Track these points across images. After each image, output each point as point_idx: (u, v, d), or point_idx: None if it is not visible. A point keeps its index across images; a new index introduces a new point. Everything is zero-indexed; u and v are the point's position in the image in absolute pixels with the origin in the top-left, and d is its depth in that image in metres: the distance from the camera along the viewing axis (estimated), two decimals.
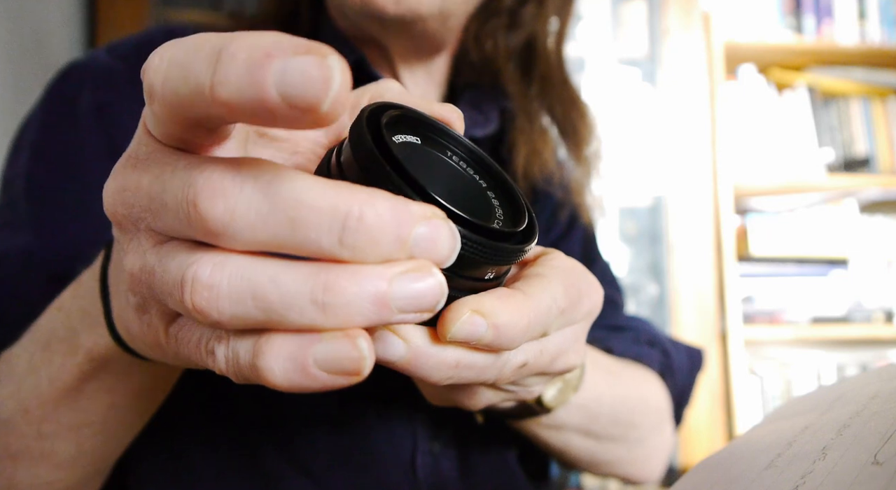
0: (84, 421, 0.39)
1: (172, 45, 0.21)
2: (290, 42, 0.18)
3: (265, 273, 0.20)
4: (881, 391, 0.36)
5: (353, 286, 0.20)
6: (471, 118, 0.59)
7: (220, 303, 0.20)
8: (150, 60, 0.21)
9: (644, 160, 1.92)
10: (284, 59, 0.18)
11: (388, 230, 0.20)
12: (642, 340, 0.63)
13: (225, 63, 0.18)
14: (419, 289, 0.20)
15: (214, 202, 0.20)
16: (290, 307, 0.20)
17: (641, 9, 1.96)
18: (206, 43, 0.19)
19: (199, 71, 0.19)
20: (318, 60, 0.18)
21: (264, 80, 0.18)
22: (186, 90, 0.20)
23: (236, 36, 0.19)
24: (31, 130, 0.54)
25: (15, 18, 1.31)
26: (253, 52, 0.18)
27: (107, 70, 0.55)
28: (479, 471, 0.54)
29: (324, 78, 0.18)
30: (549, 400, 0.42)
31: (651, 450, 0.61)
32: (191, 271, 0.21)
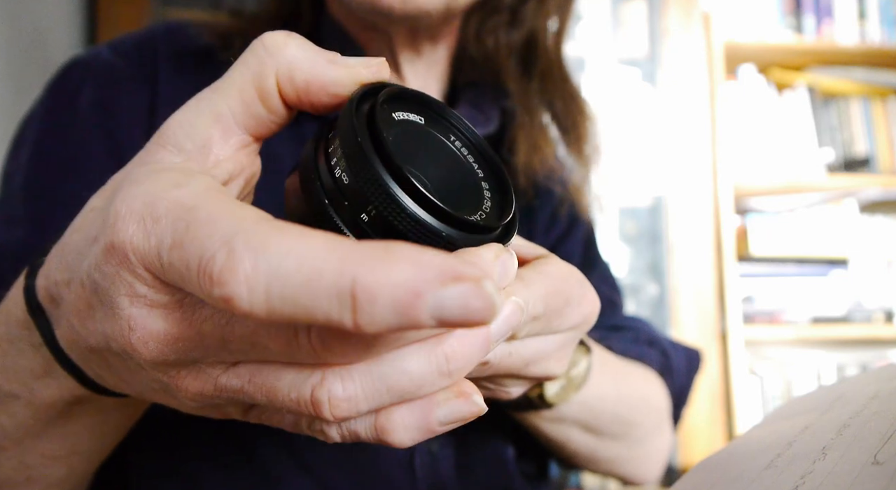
0: (71, 451, 0.37)
1: (259, 263, 0.18)
2: (434, 272, 0.17)
3: (391, 367, 0.22)
4: (881, 391, 0.36)
5: (466, 348, 0.22)
6: (471, 117, 0.59)
7: (360, 406, 0.22)
8: (233, 280, 0.18)
9: (644, 160, 1.92)
10: (436, 294, 0.17)
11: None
12: (642, 340, 0.63)
13: (365, 307, 0.17)
14: (511, 321, 0.25)
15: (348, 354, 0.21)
16: (423, 386, 0.22)
17: (641, 9, 1.96)
18: (316, 271, 0.17)
19: (328, 310, 0.17)
20: (475, 290, 0.17)
21: (418, 317, 0.17)
22: (307, 319, 0.18)
23: (362, 268, 0.17)
24: (33, 126, 0.54)
25: (15, 18, 1.31)
26: (397, 292, 0.17)
27: (109, 67, 0.55)
28: (476, 470, 0.55)
29: (486, 307, 0.17)
30: (552, 396, 0.42)
31: (651, 449, 0.61)
32: (323, 392, 0.22)
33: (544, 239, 0.65)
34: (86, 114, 0.53)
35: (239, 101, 0.26)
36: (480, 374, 0.31)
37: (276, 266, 0.18)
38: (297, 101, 0.26)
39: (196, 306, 0.22)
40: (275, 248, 0.18)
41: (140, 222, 0.21)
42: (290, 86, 0.26)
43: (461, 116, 0.29)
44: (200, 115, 0.26)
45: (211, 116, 0.26)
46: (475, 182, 0.29)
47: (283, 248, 0.18)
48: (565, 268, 0.31)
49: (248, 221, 0.19)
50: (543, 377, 0.34)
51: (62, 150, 0.52)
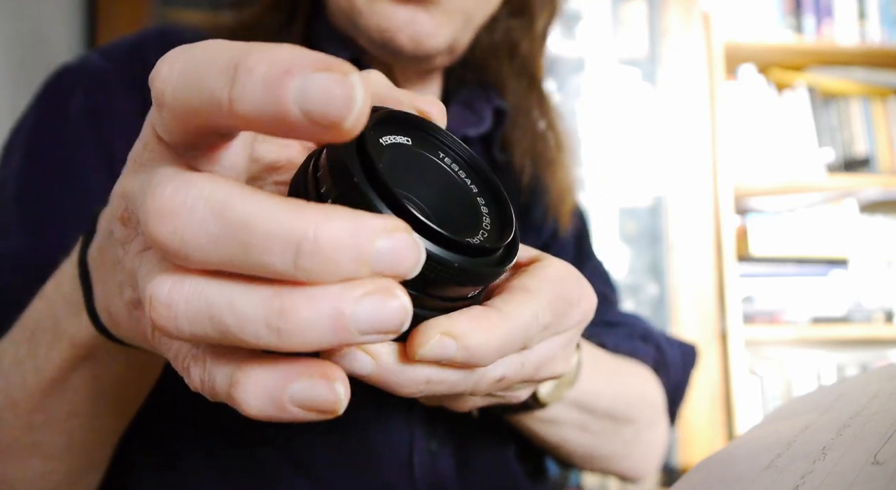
0: (72, 411, 0.39)
1: (183, 54, 0.20)
2: (309, 57, 0.18)
3: (222, 295, 0.20)
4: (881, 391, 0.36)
5: (308, 311, 0.19)
6: (464, 117, 0.60)
7: (178, 322, 0.20)
8: (158, 68, 0.21)
9: (644, 160, 1.92)
10: (304, 76, 0.18)
11: (346, 249, 0.19)
12: (635, 336, 0.63)
13: (242, 78, 0.18)
14: (381, 311, 0.20)
15: (163, 222, 0.19)
16: (245, 331, 0.20)
17: (641, 9, 1.96)
18: (219, 54, 0.19)
19: (214, 84, 0.19)
20: (339, 78, 0.18)
21: (284, 97, 0.18)
22: (200, 102, 0.20)
23: (252, 48, 0.19)
24: (24, 133, 0.54)
25: (15, 18, 1.31)
26: (271, 67, 0.18)
27: (100, 72, 0.55)
28: (476, 469, 0.55)
29: (346, 96, 0.18)
30: (545, 396, 0.42)
31: (647, 445, 0.61)
32: (150, 287, 0.20)
33: (536, 238, 0.65)
34: (77, 120, 0.53)
35: None
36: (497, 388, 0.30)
37: (191, 54, 0.20)
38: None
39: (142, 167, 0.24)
40: (200, 46, 0.20)
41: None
42: None
43: (448, 132, 0.29)
44: None
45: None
46: (471, 199, 0.28)
47: (203, 44, 0.20)
48: (562, 268, 0.31)
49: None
50: (552, 377, 0.33)
51: (54, 156, 0.52)
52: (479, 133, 0.60)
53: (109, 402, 0.40)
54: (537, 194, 0.65)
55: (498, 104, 0.61)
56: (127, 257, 0.25)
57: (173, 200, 0.19)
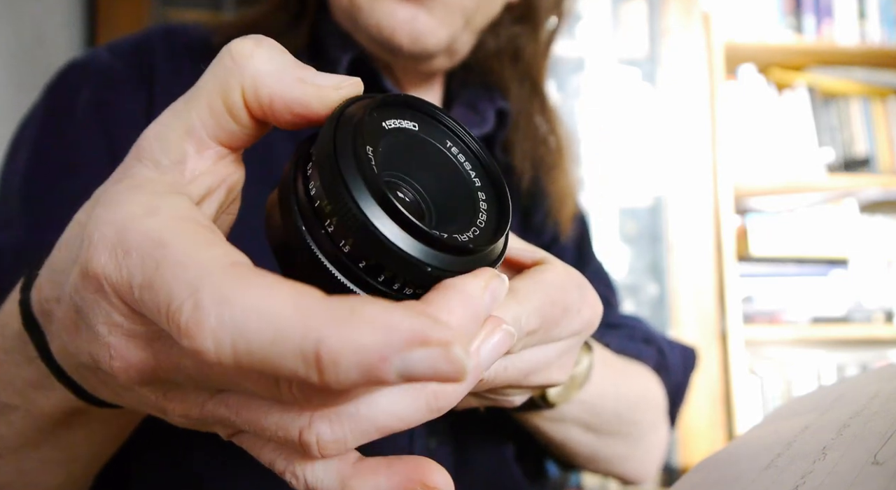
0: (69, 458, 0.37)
1: (223, 322, 0.18)
2: (400, 336, 0.17)
3: (381, 410, 0.22)
4: (881, 391, 0.36)
5: (456, 387, 0.22)
6: (467, 118, 0.60)
7: (349, 446, 0.22)
8: (199, 335, 0.18)
9: (644, 160, 1.92)
10: (402, 356, 0.17)
11: (472, 327, 0.23)
12: (637, 338, 0.63)
13: (331, 369, 0.17)
14: (502, 346, 0.25)
15: (331, 399, 0.21)
16: (412, 423, 0.22)
17: (641, 9, 1.96)
18: (283, 333, 0.17)
19: (293, 367, 0.18)
20: (443, 354, 0.17)
21: (385, 378, 0.17)
22: (275, 372, 0.18)
23: (325, 330, 0.17)
24: (31, 128, 0.54)
25: (15, 18, 1.31)
26: (361, 357, 0.17)
27: (107, 69, 0.55)
28: (475, 467, 0.55)
29: (455, 371, 0.17)
30: (554, 396, 0.42)
31: (649, 447, 0.61)
32: (311, 435, 0.21)
33: (536, 242, 0.65)
34: (84, 115, 0.53)
35: (209, 114, 0.25)
36: (477, 388, 0.30)
37: (242, 323, 0.18)
38: (263, 116, 0.25)
39: (173, 340, 0.22)
40: (239, 303, 0.18)
41: (112, 252, 0.21)
42: (255, 101, 0.24)
43: (458, 121, 0.28)
44: (173, 130, 0.25)
45: (183, 130, 0.25)
46: (471, 192, 0.28)
47: (249, 303, 0.18)
48: (563, 274, 0.30)
49: (217, 266, 0.19)
50: (546, 385, 0.33)
51: (60, 151, 0.52)
52: (481, 134, 0.60)
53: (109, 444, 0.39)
54: (538, 198, 0.65)
55: (501, 105, 0.62)
56: (173, 405, 0.24)
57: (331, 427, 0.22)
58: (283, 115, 0.24)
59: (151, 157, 0.24)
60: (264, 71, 0.24)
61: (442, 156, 0.28)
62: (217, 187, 0.26)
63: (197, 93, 0.25)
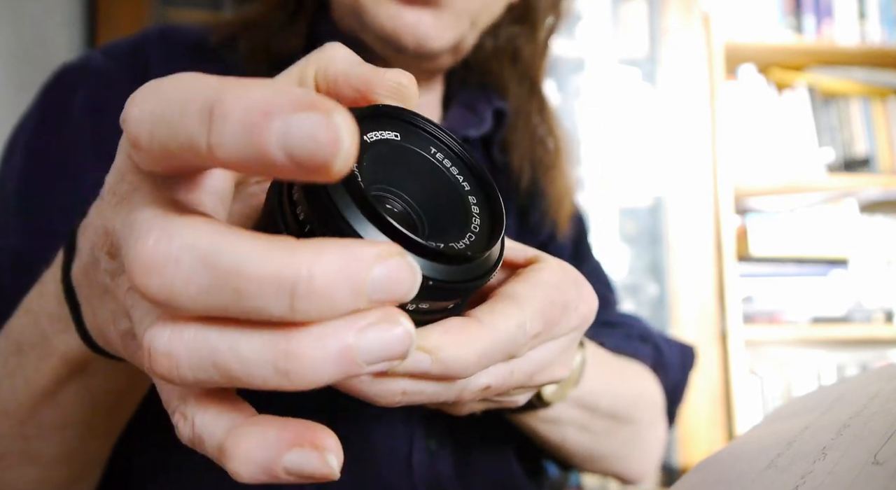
0: (66, 421, 0.38)
1: (153, 93, 0.20)
2: (288, 96, 0.17)
3: (225, 342, 0.19)
4: (881, 391, 0.36)
5: (314, 350, 0.19)
6: (465, 118, 0.60)
7: (181, 371, 0.20)
8: (129, 110, 0.20)
9: (644, 160, 1.92)
10: (285, 118, 0.17)
11: (342, 285, 0.18)
12: (634, 336, 0.63)
13: (219, 123, 0.17)
14: (388, 340, 0.19)
15: (149, 276, 0.19)
16: (253, 376, 0.19)
17: (641, 9, 1.96)
18: (192, 95, 0.18)
19: (190, 129, 0.18)
20: (322, 119, 0.17)
21: (266, 142, 0.17)
22: (177, 146, 0.19)
23: (226, 87, 0.18)
24: (26, 132, 0.54)
25: (15, 19, 1.31)
26: (248, 110, 0.17)
27: (102, 71, 0.55)
28: (476, 468, 0.55)
29: (331, 139, 0.17)
30: (549, 395, 0.42)
31: (646, 446, 0.61)
32: (148, 336, 0.20)
33: (533, 240, 0.65)
34: (78, 118, 0.53)
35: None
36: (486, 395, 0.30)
37: (162, 94, 0.19)
38: (327, 93, 0.27)
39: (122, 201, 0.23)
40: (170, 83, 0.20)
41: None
42: (322, 78, 0.27)
43: (440, 126, 0.28)
44: None
45: None
46: (461, 197, 0.27)
47: (173, 79, 0.20)
48: (558, 271, 0.30)
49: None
50: (550, 383, 0.33)
51: (55, 155, 0.52)
52: (479, 134, 0.60)
53: (103, 411, 0.39)
54: (535, 198, 0.65)
55: (498, 105, 0.62)
56: (119, 290, 0.25)
57: (157, 252, 0.18)
58: (343, 89, 0.27)
59: None
60: (339, 56, 0.28)
61: (427, 163, 0.27)
62: None
63: (286, 71, 0.28)
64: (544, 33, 0.65)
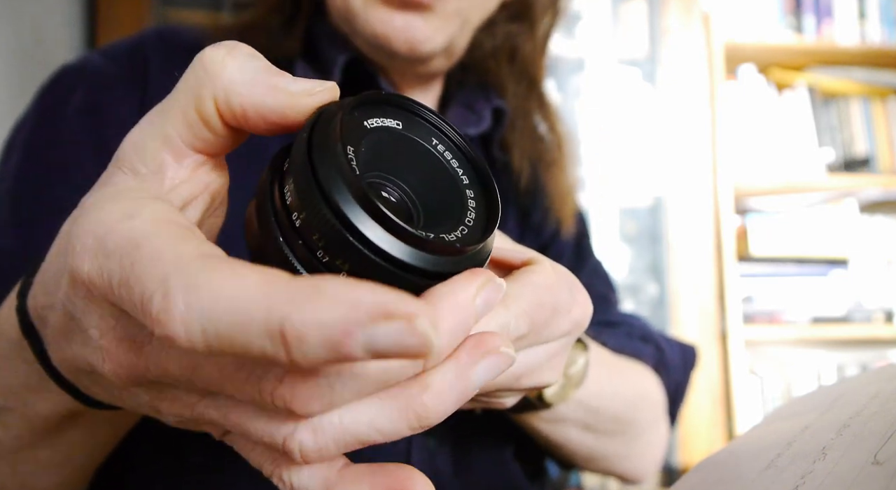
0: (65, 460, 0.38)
1: (190, 302, 0.18)
2: (363, 307, 0.17)
3: (363, 422, 0.22)
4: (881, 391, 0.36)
5: (441, 405, 0.22)
6: (464, 117, 0.60)
7: (331, 454, 0.22)
8: (170, 322, 0.19)
9: (644, 160, 1.92)
10: (367, 332, 0.17)
11: (459, 331, 0.22)
12: (635, 336, 0.63)
13: (297, 346, 0.17)
14: (498, 367, 0.23)
15: (309, 405, 0.21)
16: (394, 438, 0.22)
17: (641, 9, 1.96)
18: (247, 314, 0.18)
19: (262, 348, 0.18)
20: (408, 329, 0.17)
21: (351, 353, 0.17)
22: (245, 353, 0.18)
23: (288, 306, 0.17)
24: (23, 132, 0.54)
25: (15, 18, 1.31)
26: (326, 334, 0.17)
27: (100, 72, 0.55)
28: (475, 467, 0.54)
29: (420, 343, 0.17)
30: (550, 396, 0.42)
31: (647, 446, 0.61)
32: (295, 443, 0.22)
33: (535, 239, 0.65)
34: (76, 119, 0.53)
35: (183, 124, 0.24)
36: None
37: (209, 306, 0.18)
38: (238, 124, 0.25)
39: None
40: (206, 287, 0.18)
41: (94, 258, 0.21)
42: (227, 110, 0.24)
43: (443, 117, 0.27)
44: (151, 139, 0.25)
45: (160, 140, 0.25)
46: (459, 190, 0.27)
47: (215, 287, 0.18)
48: (552, 274, 0.29)
49: (187, 258, 0.19)
50: (537, 387, 0.33)
51: (51, 156, 0.52)
52: (478, 132, 0.60)
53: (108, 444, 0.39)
54: (537, 196, 0.65)
55: (497, 104, 0.62)
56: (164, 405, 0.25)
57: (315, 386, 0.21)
58: (257, 123, 0.24)
59: (131, 166, 0.25)
60: (237, 80, 0.24)
61: (428, 154, 0.27)
62: (199, 194, 0.26)
63: (171, 102, 0.25)
64: (542, 31, 0.65)
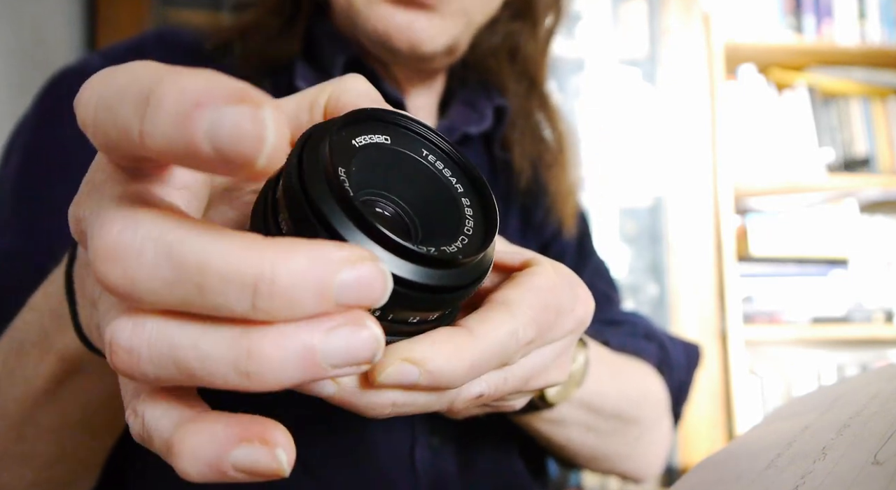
0: (63, 422, 0.39)
1: (103, 79, 0.20)
2: (222, 88, 0.17)
3: (186, 338, 0.19)
4: (881, 391, 0.36)
5: (276, 350, 0.18)
6: (465, 116, 0.60)
7: (142, 367, 0.19)
8: (80, 94, 0.20)
9: (644, 160, 1.92)
10: (215, 109, 0.16)
11: (307, 286, 0.18)
12: (638, 335, 0.63)
13: (152, 110, 0.17)
14: (352, 343, 0.19)
15: (111, 266, 0.18)
16: (214, 375, 0.19)
17: (641, 9, 1.96)
18: (134, 83, 0.18)
19: (126, 115, 0.18)
20: (251, 112, 0.16)
21: (193, 132, 0.17)
22: (115, 133, 0.19)
23: (164, 75, 0.17)
24: (23, 134, 0.54)
25: (15, 18, 1.31)
26: (181, 98, 0.17)
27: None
28: (479, 465, 0.55)
29: (257, 134, 0.17)
30: (552, 396, 0.42)
31: (650, 445, 0.61)
32: (110, 330, 0.19)
33: (537, 239, 0.65)
34: (75, 121, 0.53)
35: (294, 105, 0.28)
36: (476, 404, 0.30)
37: (109, 80, 0.19)
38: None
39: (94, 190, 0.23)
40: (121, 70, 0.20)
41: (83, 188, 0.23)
42: (333, 106, 0.27)
43: (431, 127, 0.27)
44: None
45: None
46: (454, 199, 0.27)
47: (124, 68, 0.20)
48: (553, 274, 0.29)
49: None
50: (546, 387, 0.33)
51: (52, 157, 0.52)
52: (480, 131, 0.60)
53: (101, 412, 0.39)
54: (539, 196, 0.65)
55: (498, 102, 0.62)
56: (87, 281, 0.25)
57: (120, 242, 0.18)
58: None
59: None
60: (353, 89, 0.28)
61: (419, 166, 0.27)
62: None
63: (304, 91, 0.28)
64: (545, 30, 0.65)
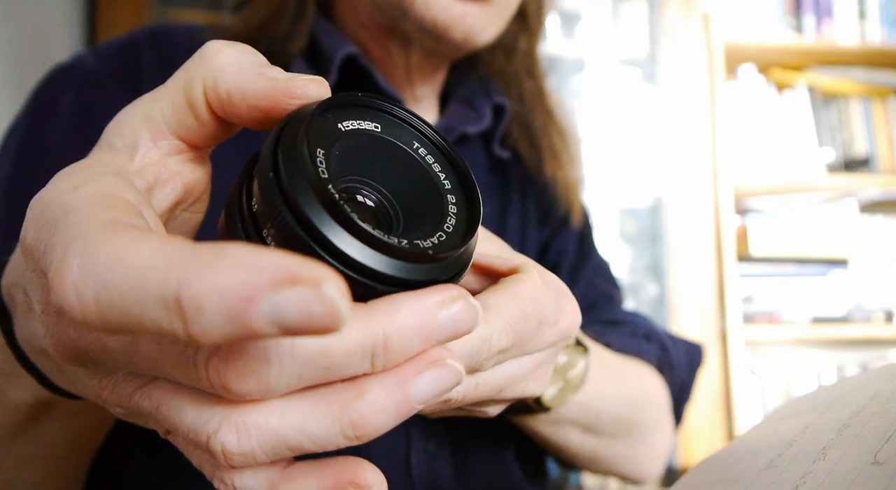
0: (46, 453, 0.37)
1: (86, 276, 0.17)
2: (263, 276, 0.16)
3: (292, 426, 0.20)
4: (881, 391, 0.36)
5: (377, 414, 0.20)
6: (463, 114, 0.60)
7: (258, 459, 0.21)
8: (63, 292, 0.17)
9: (644, 160, 1.92)
10: (268, 299, 0.16)
11: (414, 338, 0.21)
12: (639, 335, 0.63)
13: (194, 316, 0.16)
14: (441, 382, 0.21)
15: (245, 382, 0.19)
16: (326, 447, 0.21)
17: (641, 9, 1.96)
18: (145, 279, 0.16)
19: (157, 319, 0.16)
20: (313, 294, 0.16)
21: (254, 324, 0.16)
22: (143, 329, 0.17)
23: (184, 274, 0.16)
24: (15, 135, 0.54)
25: (15, 18, 1.31)
26: (224, 302, 0.15)
27: (91, 72, 0.54)
28: (474, 470, 0.54)
29: (327, 312, 0.16)
30: (549, 400, 0.42)
31: (651, 447, 0.61)
32: (217, 442, 0.20)
33: (537, 234, 0.65)
34: (67, 119, 0.52)
35: (170, 106, 0.25)
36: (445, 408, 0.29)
37: (103, 271, 0.17)
38: (223, 111, 0.24)
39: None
40: (104, 252, 0.17)
41: (34, 227, 0.21)
42: (214, 95, 0.24)
43: (425, 121, 0.27)
44: (133, 116, 0.25)
45: (142, 118, 0.25)
46: (439, 194, 0.26)
47: (113, 252, 0.17)
48: (539, 284, 0.29)
49: (97, 224, 0.18)
50: (521, 398, 0.32)
51: (43, 158, 0.52)
52: (478, 130, 0.60)
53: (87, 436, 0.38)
54: (543, 187, 0.65)
55: (497, 101, 0.62)
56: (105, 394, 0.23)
57: (249, 360, 0.19)
58: (239, 110, 0.24)
59: (108, 140, 0.26)
60: (226, 66, 0.24)
61: (408, 157, 0.26)
62: (168, 181, 0.26)
63: (164, 86, 0.25)
64: (536, 20, 0.66)
